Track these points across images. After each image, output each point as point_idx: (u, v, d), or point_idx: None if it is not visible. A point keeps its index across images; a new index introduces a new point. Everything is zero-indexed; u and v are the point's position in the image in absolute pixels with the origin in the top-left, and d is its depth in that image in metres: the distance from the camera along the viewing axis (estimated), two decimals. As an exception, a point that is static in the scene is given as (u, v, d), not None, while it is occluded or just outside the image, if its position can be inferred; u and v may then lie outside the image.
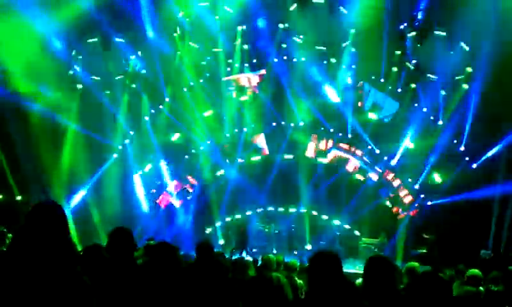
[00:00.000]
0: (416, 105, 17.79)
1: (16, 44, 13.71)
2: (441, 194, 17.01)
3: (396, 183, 18.20)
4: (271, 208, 19.05)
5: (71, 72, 16.88)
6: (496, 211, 15.86)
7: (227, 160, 19.44)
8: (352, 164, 18.81)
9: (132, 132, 18.65)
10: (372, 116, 18.38)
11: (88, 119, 16.94)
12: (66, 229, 2.70)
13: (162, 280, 3.59)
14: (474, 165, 16.80)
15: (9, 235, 6.09)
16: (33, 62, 13.92)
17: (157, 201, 19.26)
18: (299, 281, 6.68)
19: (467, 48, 15.84)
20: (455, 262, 8.64)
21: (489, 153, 16.27)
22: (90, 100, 17.07)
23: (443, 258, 14.22)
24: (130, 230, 3.94)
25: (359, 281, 7.24)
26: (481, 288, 6.14)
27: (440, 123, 17.35)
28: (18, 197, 15.89)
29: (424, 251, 15.91)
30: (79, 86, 17.16)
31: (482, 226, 15.77)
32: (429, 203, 17.57)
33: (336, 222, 18.16)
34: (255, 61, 18.58)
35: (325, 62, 18.19)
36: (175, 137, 19.24)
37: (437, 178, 17.60)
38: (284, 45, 18.03)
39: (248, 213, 18.97)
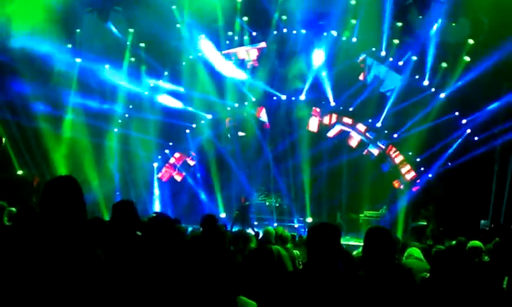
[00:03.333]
0: (417, 77, 17.66)
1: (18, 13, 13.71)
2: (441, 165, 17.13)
3: (398, 159, 18.24)
4: (271, 182, 19.13)
5: (69, 46, 16.73)
6: (496, 180, 16.00)
7: (228, 134, 19.47)
8: (355, 140, 18.78)
9: (131, 106, 18.61)
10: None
11: (87, 93, 16.91)
12: (81, 202, 2.74)
13: (160, 252, 3.62)
14: (476, 138, 16.85)
15: (13, 209, 6.11)
16: (34, 33, 13.90)
17: (159, 176, 19.37)
18: (296, 252, 6.74)
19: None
20: (455, 234, 8.69)
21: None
22: (89, 73, 17.00)
23: (443, 230, 14.38)
24: (133, 203, 3.95)
25: (355, 252, 7.30)
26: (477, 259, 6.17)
27: (442, 95, 17.25)
28: (19, 172, 15.98)
29: (424, 223, 16.02)
30: (78, 60, 17.03)
31: (482, 196, 15.89)
32: (430, 176, 17.66)
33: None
34: (254, 33, 18.37)
35: (325, 34, 17.99)
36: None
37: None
38: (284, 17, 17.77)
39: (249, 186, 19.06)
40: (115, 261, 3.26)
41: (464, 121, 17.12)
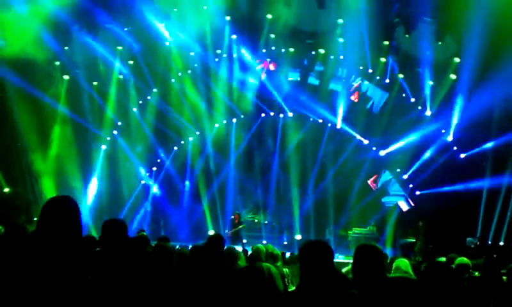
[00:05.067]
0: (404, 95, 17.84)
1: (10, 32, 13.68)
2: (429, 185, 17.19)
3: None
4: (260, 199, 19.14)
5: (57, 63, 16.67)
6: (485, 201, 16.04)
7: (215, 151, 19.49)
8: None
9: (120, 123, 18.55)
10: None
11: (75, 110, 16.86)
12: (78, 225, 2.72)
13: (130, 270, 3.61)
14: (462, 155, 16.97)
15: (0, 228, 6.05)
16: (23, 52, 13.85)
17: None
18: (285, 270, 6.72)
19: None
20: (443, 251, 8.72)
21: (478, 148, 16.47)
22: (77, 90, 16.96)
23: (433, 247, 14.42)
24: (123, 221, 3.92)
25: (344, 269, 7.30)
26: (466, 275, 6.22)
27: (428, 113, 17.42)
28: (6, 189, 15.78)
29: (413, 240, 16.07)
30: (66, 77, 16.98)
31: (470, 215, 15.96)
32: (417, 193, 17.75)
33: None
34: (243, 50, 18.47)
35: (313, 53, 18.15)
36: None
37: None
38: (272, 36, 17.86)
39: (239, 203, 19.04)
40: (104, 282, 3.24)
41: (450, 139, 17.20)
